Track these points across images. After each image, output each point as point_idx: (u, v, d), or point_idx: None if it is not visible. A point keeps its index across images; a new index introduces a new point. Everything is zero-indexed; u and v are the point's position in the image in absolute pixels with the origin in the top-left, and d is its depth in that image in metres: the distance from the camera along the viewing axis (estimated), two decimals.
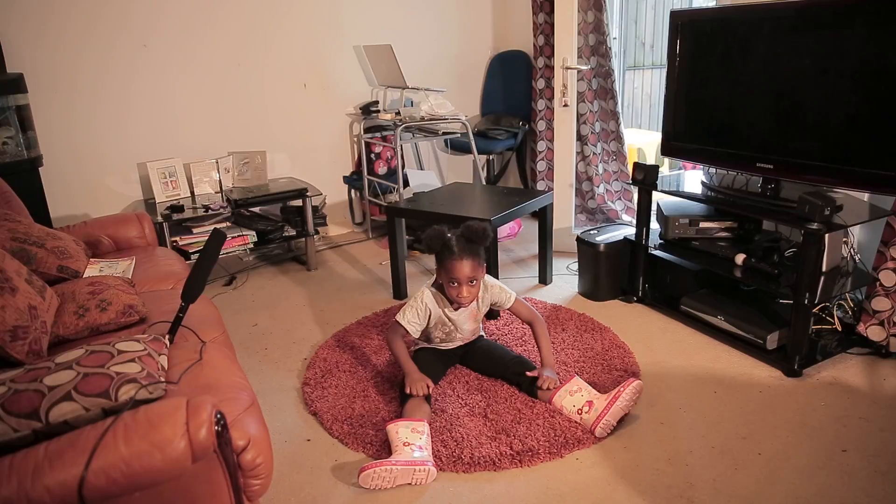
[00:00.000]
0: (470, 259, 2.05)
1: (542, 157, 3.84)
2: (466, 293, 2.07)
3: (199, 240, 3.16)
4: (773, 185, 2.43)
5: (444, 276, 2.09)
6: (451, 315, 2.18)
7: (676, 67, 2.66)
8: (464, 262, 2.04)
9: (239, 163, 3.47)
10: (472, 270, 2.05)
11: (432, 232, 2.08)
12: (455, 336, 2.25)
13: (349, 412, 2.10)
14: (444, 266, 2.08)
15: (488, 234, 2.07)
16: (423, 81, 3.75)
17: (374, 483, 1.72)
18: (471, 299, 2.11)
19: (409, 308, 2.15)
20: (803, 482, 1.72)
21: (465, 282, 2.05)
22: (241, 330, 2.79)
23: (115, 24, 3.14)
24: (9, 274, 1.67)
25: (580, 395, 2.00)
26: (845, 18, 2.08)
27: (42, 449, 1.12)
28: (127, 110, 3.27)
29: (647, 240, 2.79)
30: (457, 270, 2.04)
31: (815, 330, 2.42)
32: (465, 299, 2.08)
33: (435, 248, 2.08)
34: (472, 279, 2.06)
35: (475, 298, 2.15)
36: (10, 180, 2.52)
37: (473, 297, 2.12)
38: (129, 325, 1.87)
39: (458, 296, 2.07)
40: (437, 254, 2.09)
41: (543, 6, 3.60)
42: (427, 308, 2.15)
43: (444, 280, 2.10)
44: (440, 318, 2.18)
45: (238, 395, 1.43)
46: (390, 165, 3.94)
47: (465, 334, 2.26)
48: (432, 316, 2.17)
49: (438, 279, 2.16)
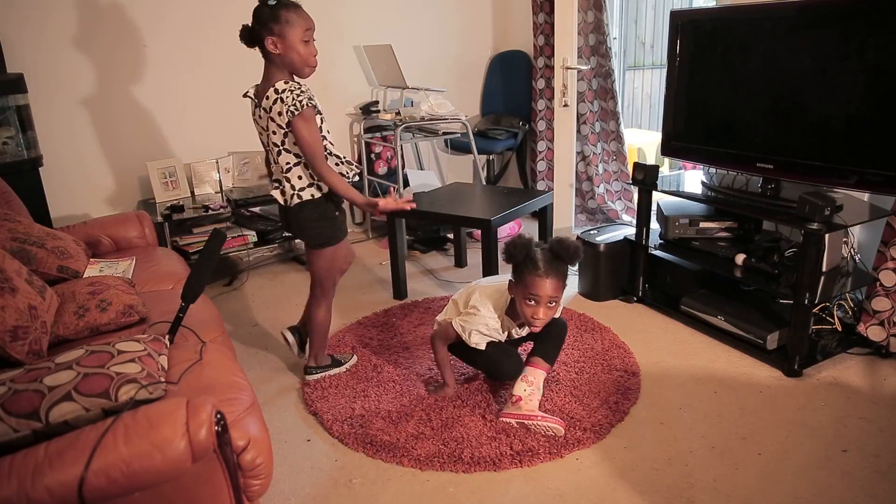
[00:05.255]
0: (555, 278, 1.85)
1: (542, 157, 3.84)
2: (543, 315, 1.87)
3: (199, 240, 3.16)
4: (773, 185, 2.43)
5: (519, 292, 1.89)
6: (514, 333, 2.02)
7: (676, 67, 2.66)
8: (548, 281, 1.84)
9: (239, 163, 3.47)
10: (555, 290, 1.86)
11: (518, 240, 1.88)
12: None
13: (349, 412, 2.10)
14: (523, 280, 1.87)
15: (580, 254, 1.88)
16: (423, 81, 3.74)
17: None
18: (545, 321, 1.89)
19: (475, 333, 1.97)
20: (803, 482, 1.72)
21: (545, 302, 1.86)
22: (241, 330, 2.79)
23: (115, 25, 3.14)
24: (9, 274, 1.67)
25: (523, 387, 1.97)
26: (845, 18, 2.08)
27: (42, 449, 1.12)
28: (127, 110, 3.27)
29: (647, 240, 2.79)
30: (538, 287, 1.84)
31: (816, 330, 2.42)
32: (540, 321, 1.88)
33: (517, 259, 1.88)
34: (553, 300, 1.87)
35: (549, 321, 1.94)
36: (10, 180, 2.52)
37: (548, 320, 1.91)
38: (129, 326, 1.87)
39: (534, 316, 1.87)
40: (518, 265, 1.89)
41: (543, 6, 3.60)
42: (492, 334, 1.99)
43: (520, 296, 1.89)
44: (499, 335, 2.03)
45: (238, 395, 1.43)
46: (390, 165, 3.94)
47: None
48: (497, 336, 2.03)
49: (511, 292, 1.95)
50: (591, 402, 2.10)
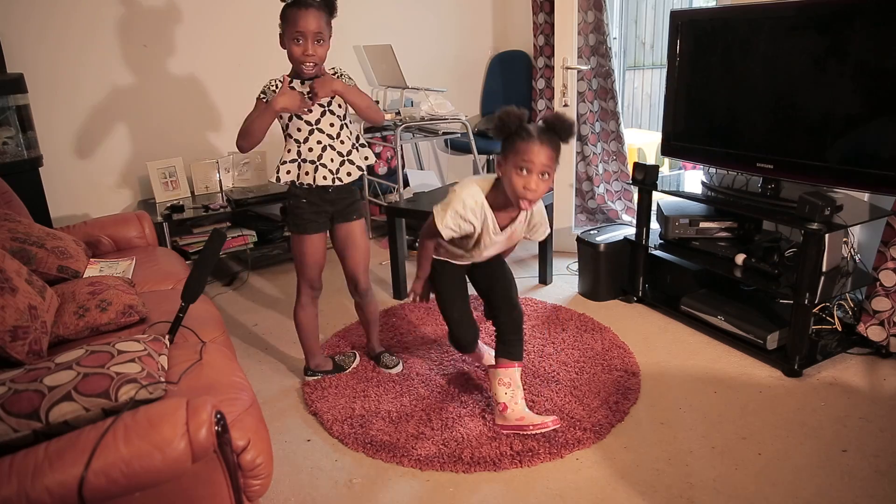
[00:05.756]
0: (549, 147, 1.70)
1: None
2: (535, 185, 1.70)
3: (199, 240, 3.16)
4: (773, 185, 2.43)
5: (510, 162, 1.73)
6: (492, 236, 1.87)
7: (676, 67, 2.66)
8: (542, 148, 1.68)
9: (239, 163, 3.47)
10: (549, 160, 1.70)
11: (511, 110, 1.72)
12: (471, 257, 2.00)
13: (349, 412, 2.10)
14: (514, 149, 1.71)
15: (574, 131, 1.75)
16: (423, 81, 3.74)
17: None
18: (536, 197, 1.73)
19: (451, 213, 1.82)
20: (803, 482, 1.72)
21: (538, 171, 1.69)
22: (241, 330, 2.79)
23: (115, 25, 3.14)
24: (9, 274, 1.67)
25: (503, 392, 1.98)
26: (845, 18, 2.08)
27: (42, 449, 1.12)
28: (127, 110, 3.27)
29: (647, 240, 2.79)
30: (532, 153, 1.68)
31: (816, 330, 2.41)
32: (532, 194, 1.71)
33: (510, 128, 1.72)
34: (546, 171, 1.71)
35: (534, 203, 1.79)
36: (10, 180, 2.52)
37: (539, 197, 1.75)
38: (129, 326, 1.87)
39: (525, 187, 1.70)
40: (510, 136, 1.73)
41: (543, 6, 3.60)
42: (469, 221, 1.83)
43: (511, 167, 1.72)
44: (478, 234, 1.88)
45: (238, 395, 1.43)
46: (390, 165, 3.94)
47: (480, 258, 2.01)
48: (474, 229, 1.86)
49: (500, 170, 1.78)
50: (591, 402, 2.10)
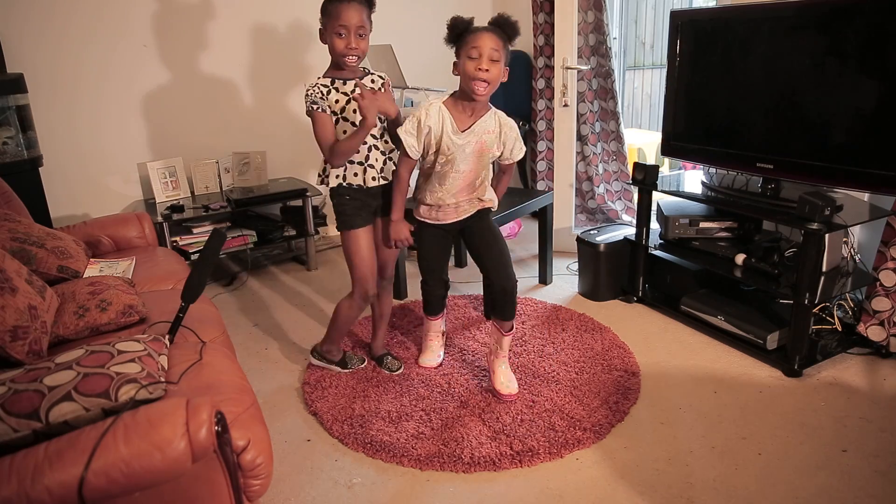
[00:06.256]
0: (496, 34, 1.88)
1: (542, 157, 3.83)
2: (487, 66, 1.86)
3: (199, 240, 3.16)
4: (773, 185, 2.43)
5: (463, 53, 1.91)
6: (455, 139, 1.97)
7: (676, 67, 2.66)
8: (488, 34, 1.87)
9: (239, 163, 3.47)
10: (496, 44, 1.87)
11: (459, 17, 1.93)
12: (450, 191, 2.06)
13: (349, 412, 2.10)
14: (464, 42, 1.90)
15: (518, 30, 1.92)
16: (424, 81, 3.73)
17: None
18: (492, 79, 1.89)
19: (409, 120, 1.97)
20: (803, 482, 1.72)
21: (488, 55, 1.86)
22: (241, 330, 2.79)
23: (115, 24, 3.14)
24: (9, 274, 1.67)
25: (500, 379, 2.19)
26: (845, 18, 2.08)
27: (42, 449, 1.12)
28: (127, 110, 3.27)
29: (647, 240, 2.79)
30: (479, 39, 1.87)
31: (815, 330, 2.42)
32: (484, 74, 1.87)
33: (458, 29, 1.92)
34: (495, 52, 1.87)
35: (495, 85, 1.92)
36: (10, 180, 2.52)
37: (495, 80, 1.90)
38: (129, 326, 1.87)
39: (478, 69, 1.87)
40: (461, 34, 1.92)
41: (543, 6, 3.60)
42: (426, 123, 1.96)
43: (464, 58, 1.91)
44: (440, 141, 1.97)
45: (238, 395, 1.43)
46: None
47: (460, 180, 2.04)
48: (433, 134, 1.98)
49: (456, 69, 1.96)
50: (591, 402, 2.10)
